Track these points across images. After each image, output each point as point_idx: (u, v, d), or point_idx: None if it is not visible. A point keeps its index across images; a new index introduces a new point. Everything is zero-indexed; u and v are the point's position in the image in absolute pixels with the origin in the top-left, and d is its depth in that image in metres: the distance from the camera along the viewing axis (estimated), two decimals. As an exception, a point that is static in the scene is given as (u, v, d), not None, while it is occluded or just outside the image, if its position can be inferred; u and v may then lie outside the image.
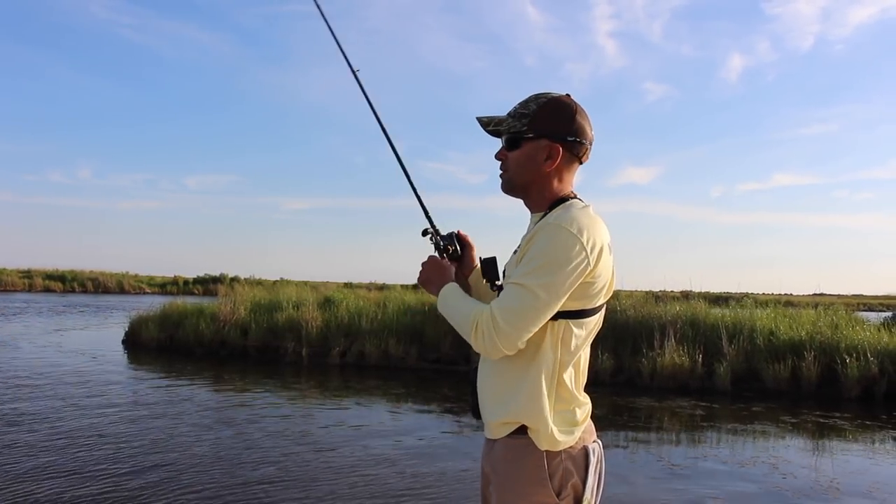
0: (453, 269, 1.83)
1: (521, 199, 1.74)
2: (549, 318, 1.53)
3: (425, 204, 1.99)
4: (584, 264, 1.51)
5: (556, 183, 1.67)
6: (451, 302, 1.69)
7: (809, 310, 12.53)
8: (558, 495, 1.56)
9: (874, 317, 14.11)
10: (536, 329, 1.52)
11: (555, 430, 1.56)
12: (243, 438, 6.44)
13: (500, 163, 1.73)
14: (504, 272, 1.74)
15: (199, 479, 5.05)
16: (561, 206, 1.63)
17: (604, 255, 1.56)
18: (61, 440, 6.07)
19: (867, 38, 70.28)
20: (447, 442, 6.76)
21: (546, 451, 1.57)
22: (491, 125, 1.73)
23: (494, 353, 1.54)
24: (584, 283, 1.55)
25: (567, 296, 1.52)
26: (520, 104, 1.69)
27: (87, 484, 4.84)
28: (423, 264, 1.83)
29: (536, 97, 1.67)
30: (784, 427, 8.00)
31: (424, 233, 1.95)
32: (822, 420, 8.43)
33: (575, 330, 1.59)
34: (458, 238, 1.93)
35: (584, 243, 1.51)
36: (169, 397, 8.52)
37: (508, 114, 1.70)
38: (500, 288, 1.69)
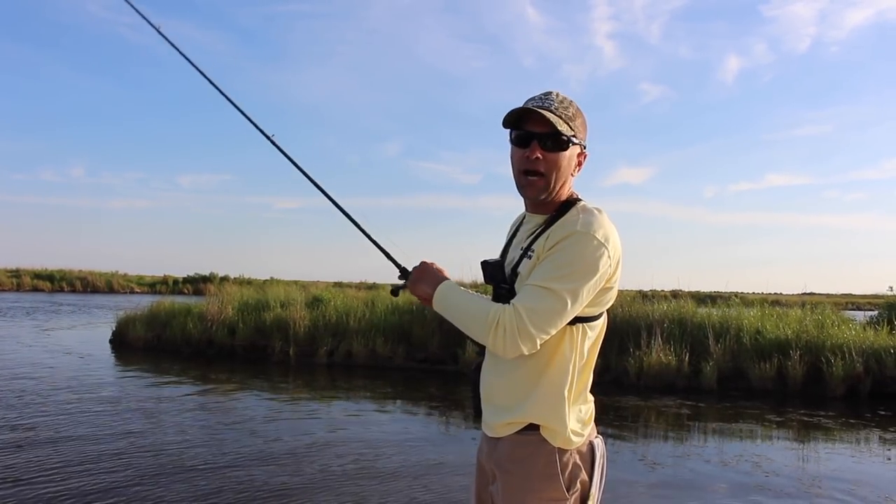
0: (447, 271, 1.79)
1: (540, 199, 1.67)
2: (568, 322, 1.55)
3: (393, 255, 1.93)
4: (607, 272, 1.56)
5: (568, 186, 1.70)
6: (457, 299, 1.64)
7: (796, 309, 12.59)
8: (567, 491, 1.58)
9: (861, 316, 14.19)
10: (555, 332, 1.54)
11: (570, 430, 1.60)
12: (227, 438, 6.40)
13: (528, 160, 1.61)
14: (512, 270, 1.68)
15: (182, 478, 5.01)
16: (575, 208, 1.64)
17: (620, 262, 1.62)
18: (43, 440, 6.02)
19: (862, 41, 70.95)
20: (434, 441, 6.73)
21: (558, 447, 1.59)
22: (561, 127, 1.59)
23: (512, 352, 1.53)
24: (603, 289, 1.59)
25: (588, 301, 1.56)
26: (560, 105, 1.62)
27: (66, 483, 4.80)
28: (415, 269, 1.79)
29: (570, 100, 1.66)
30: (769, 426, 8.03)
31: (395, 292, 1.90)
32: (806, 419, 8.47)
33: (590, 333, 1.63)
34: None
35: (610, 252, 1.55)
36: (154, 397, 8.46)
37: (555, 112, 1.60)
38: (508, 290, 1.66)
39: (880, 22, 67.56)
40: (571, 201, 1.67)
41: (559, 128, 1.57)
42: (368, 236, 1.96)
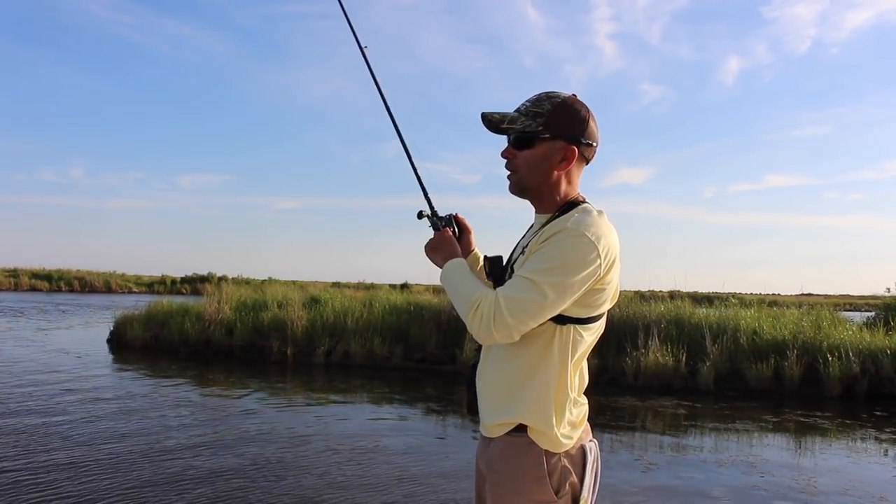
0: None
1: (530, 199, 1.71)
2: (549, 317, 1.53)
3: (424, 184, 1.93)
4: (596, 272, 1.52)
5: (565, 185, 1.66)
6: (456, 277, 1.66)
7: (793, 309, 12.60)
8: (556, 493, 1.57)
9: (858, 317, 14.22)
10: (535, 325, 1.52)
11: (558, 432, 1.58)
12: (224, 439, 6.41)
13: (504, 161, 1.68)
14: (510, 269, 1.69)
15: (176, 479, 5.02)
16: (576, 209, 1.62)
17: (615, 265, 1.58)
18: (38, 441, 6.02)
19: (862, 42, 71.20)
20: (431, 441, 6.74)
21: (545, 449, 1.58)
22: (504, 123, 1.66)
23: (487, 339, 1.53)
24: (594, 291, 1.56)
25: (573, 300, 1.53)
26: (531, 102, 1.64)
27: (60, 484, 4.80)
28: (436, 234, 1.82)
29: (549, 96, 1.64)
30: (765, 426, 8.04)
31: (420, 215, 1.90)
32: (803, 419, 8.48)
33: (582, 335, 1.61)
34: (456, 221, 1.92)
35: (601, 252, 1.52)
36: (152, 396, 8.46)
37: (519, 111, 1.64)
38: None
39: (880, 23, 67.94)
40: (575, 203, 1.65)
41: (512, 125, 1.63)
42: (413, 166, 1.96)
